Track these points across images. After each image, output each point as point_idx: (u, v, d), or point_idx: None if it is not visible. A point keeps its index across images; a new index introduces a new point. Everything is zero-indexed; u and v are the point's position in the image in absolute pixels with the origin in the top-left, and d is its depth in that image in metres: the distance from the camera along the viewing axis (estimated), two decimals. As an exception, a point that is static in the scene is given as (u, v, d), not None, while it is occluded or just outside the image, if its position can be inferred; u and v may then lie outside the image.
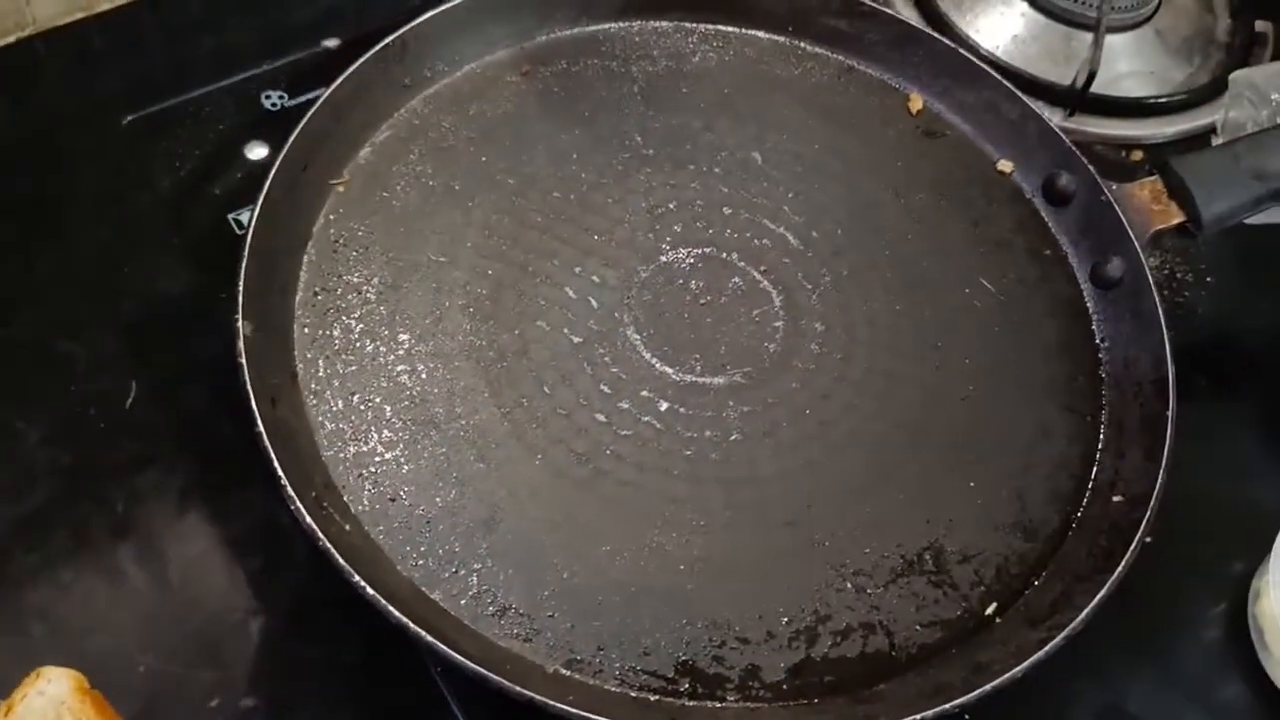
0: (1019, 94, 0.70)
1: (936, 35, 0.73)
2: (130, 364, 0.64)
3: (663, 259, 0.65)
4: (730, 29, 0.74)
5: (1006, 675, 0.52)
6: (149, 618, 0.58)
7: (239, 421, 0.53)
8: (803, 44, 0.74)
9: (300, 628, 0.59)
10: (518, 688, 0.49)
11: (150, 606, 0.58)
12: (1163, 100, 0.80)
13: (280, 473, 0.52)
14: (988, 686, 0.51)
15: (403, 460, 0.57)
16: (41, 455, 0.61)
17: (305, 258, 0.61)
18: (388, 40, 0.65)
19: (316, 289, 0.61)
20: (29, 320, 0.65)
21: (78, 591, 0.58)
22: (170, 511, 0.61)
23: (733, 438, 0.60)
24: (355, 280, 0.61)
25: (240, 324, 0.55)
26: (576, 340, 0.62)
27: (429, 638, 0.49)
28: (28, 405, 0.62)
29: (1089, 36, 0.77)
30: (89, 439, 0.62)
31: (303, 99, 0.74)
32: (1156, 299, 0.64)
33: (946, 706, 0.51)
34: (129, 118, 0.72)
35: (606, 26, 0.72)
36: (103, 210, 0.69)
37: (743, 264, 0.65)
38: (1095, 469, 0.62)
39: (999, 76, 0.71)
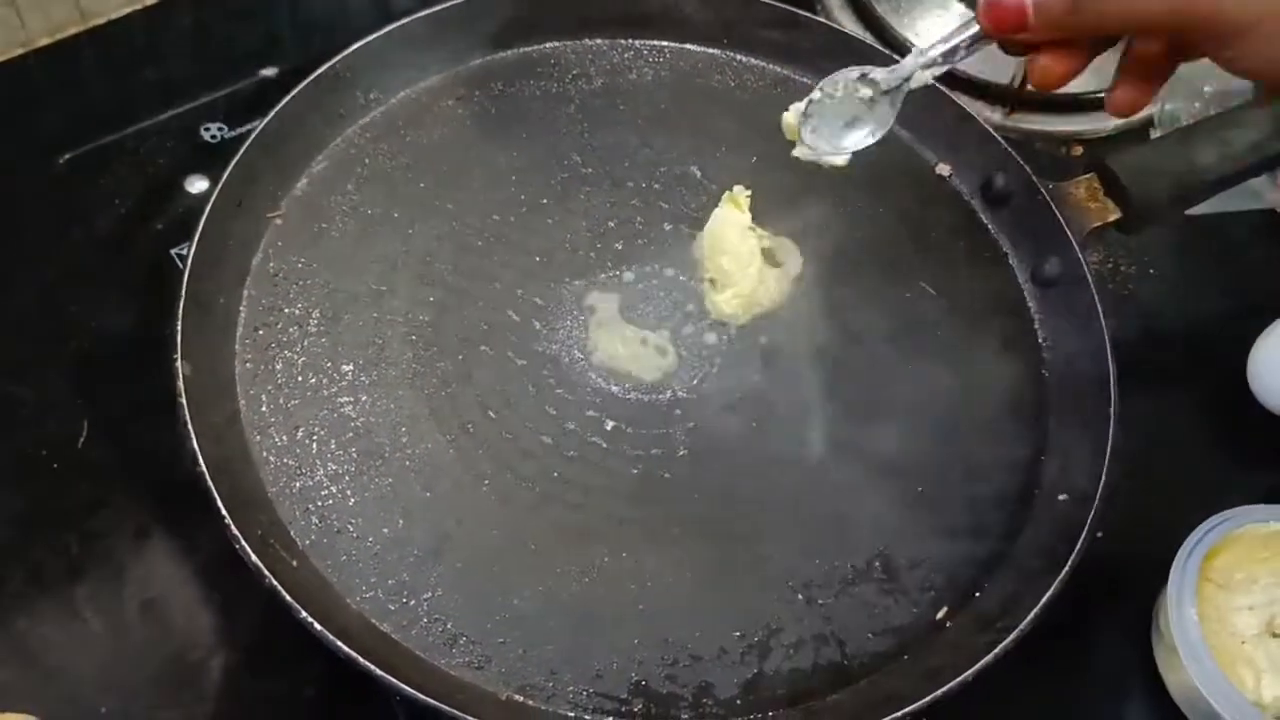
0: (955, 98, 0.70)
1: (870, 42, 0.74)
2: (80, 404, 0.64)
3: (605, 277, 0.65)
4: (665, 44, 0.74)
5: (957, 680, 0.52)
6: (108, 659, 0.58)
7: (189, 458, 0.53)
8: (738, 56, 0.74)
9: (260, 662, 0.59)
10: (470, 716, 0.49)
11: (109, 648, 0.58)
12: (1100, 95, 0.81)
13: (225, 513, 0.52)
14: (938, 692, 0.52)
15: (349, 493, 0.57)
16: (-8, 501, 0.61)
17: (245, 293, 0.61)
18: (320, 71, 0.65)
19: (257, 325, 0.61)
20: (-27, 367, 0.65)
21: (36, 636, 0.58)
22: (126, 551, 0.61)
23: (680, 455, 0.60)
24: (296, 314, 0.61)
25: (179, 365, 0.55)
26: (521, 363, 0.62)
27: (379, 671, 0.49)
28: (-24, 452, 0.62)
29: (1025, 34, 0.77)
30: (42, 481, 0.62)
31: (242, 130, 0.74)
32: (1095, 296, 0.64)
33: (898, 714, 0.51)
34: (67, 156, 0.72)
35: (541, 47, 0.72)
36: (43, 251, 0.69)
37: (685, 279, 0.65)
38: (1041, 468, 0.62)
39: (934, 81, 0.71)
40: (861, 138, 0.55)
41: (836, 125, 0.55)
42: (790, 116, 0.56)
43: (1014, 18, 0.44)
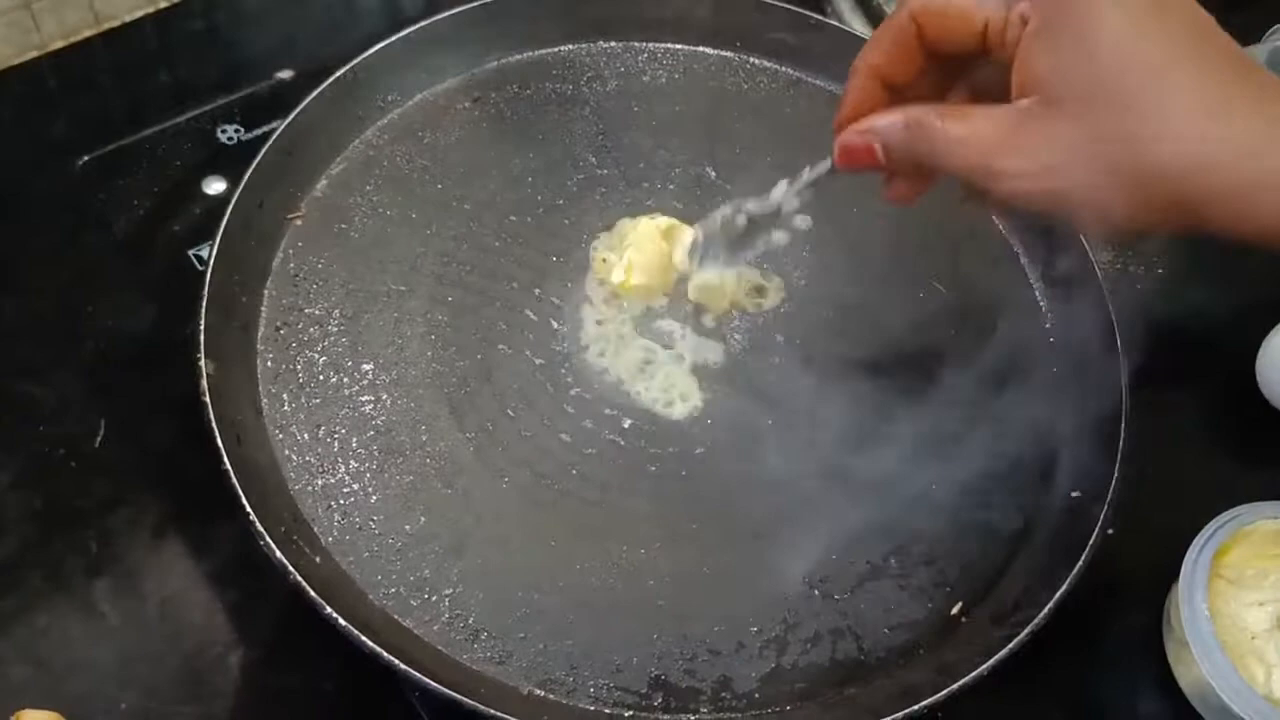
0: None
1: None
2: (98, 404, 0.64)
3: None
4: (679, 47, 0.75)
5: (972, 674, 0.53)
6: (128, 656, 0.58)
7: (209, 457, 0.54)
8: (751, 59, 0.75)
9: (279, 658, 0.59)
10: (493, 710, 0.50)
11: (129, 644, 0.59)
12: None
13: (249, 510, 0.52)
14: (954, 686, 0.53)
15: (370, 490, 0.57)
16: (12, 499, 0.61)
17: (266, 293, 0.62)
18: (338, 74, 0.65)
19: (278, 324, 0.61)
20: (-6, 366, 0.66)
21: (56, 633, 0.58)
22: (145, 549, 0.61)
23: (697, 452, 0.61)
24: (316, 313, 0.62)
25: (203, 363, 0.56)
26: (538, 362, 0.62)
27: (403, 665, 0.50)
28: (-4, 451, 0.63)
29: (1034, 37, 0.78)
30: (60, 481, 0.62)
31: (259, 131, 0.74)
32: (1106, 295, 0.65)
33: (915, 708, 0.52)
34: (84, 158, 0.72)
35: (556, 49, 0.73)
36: (62, 253, 0.69)
37: (700, 279, 0.66)
38: (1053, 466, 0.63)
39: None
40: (751, 254, 0.60)
41: (724, 250, 0.60)
42: (679, 258, 0.63)
43: (867, 159, 0.49)
